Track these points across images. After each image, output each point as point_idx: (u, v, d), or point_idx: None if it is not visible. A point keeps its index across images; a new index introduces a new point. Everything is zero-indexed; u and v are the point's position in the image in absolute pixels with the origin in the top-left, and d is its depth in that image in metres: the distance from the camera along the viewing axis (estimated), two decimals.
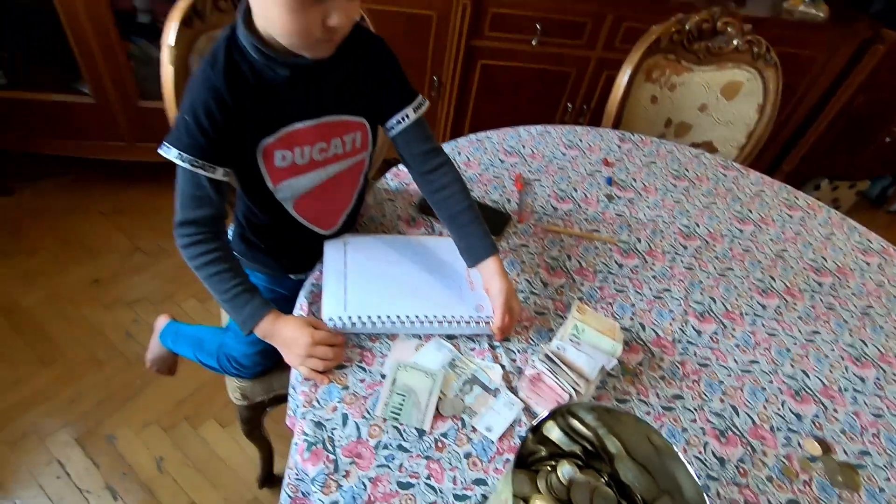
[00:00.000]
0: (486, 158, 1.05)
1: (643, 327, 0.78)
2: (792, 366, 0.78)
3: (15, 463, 1.20)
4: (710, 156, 1.22)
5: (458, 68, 1.76)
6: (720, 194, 1.11)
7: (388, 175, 0.95)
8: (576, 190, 1.03)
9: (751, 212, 1.07)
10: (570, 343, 0.63)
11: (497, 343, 0.71)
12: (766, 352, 0.79)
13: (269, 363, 0.97)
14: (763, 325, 0.83)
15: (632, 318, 0.79)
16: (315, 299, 0.72)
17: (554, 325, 0.75)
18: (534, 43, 1.73)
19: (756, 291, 0.89)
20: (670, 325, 0.80)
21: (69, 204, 1.80)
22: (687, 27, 1.24)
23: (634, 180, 1.09)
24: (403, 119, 0.73)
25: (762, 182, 1.17)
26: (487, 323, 0.71)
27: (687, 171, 1.16)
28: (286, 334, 0.65)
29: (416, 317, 0.69)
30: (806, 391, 0.75)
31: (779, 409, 0.72)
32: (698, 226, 1.01)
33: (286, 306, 0.89)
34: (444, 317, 0.70)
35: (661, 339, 0.77)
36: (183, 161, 0.61)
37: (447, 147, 1.05)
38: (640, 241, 0.94)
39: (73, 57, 1.50)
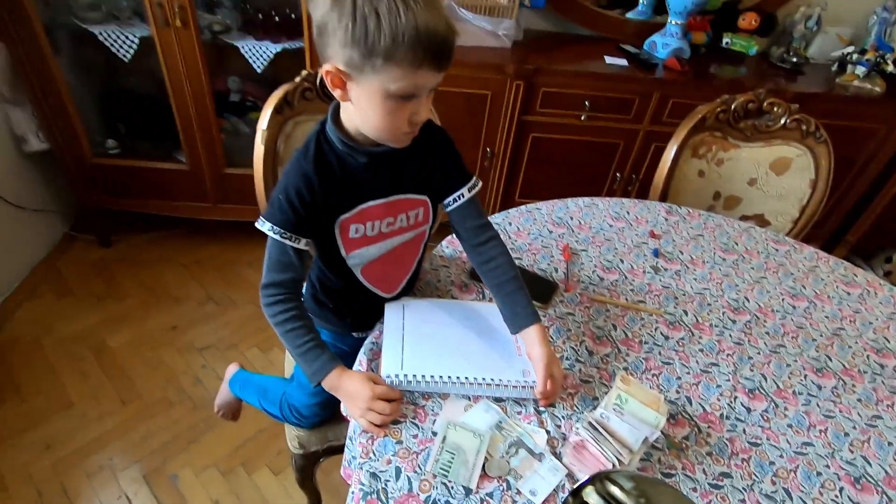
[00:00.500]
0: (535, 229, 1.12)
1: (689, 401, 0.79)
2: (851, 451, 0.76)
3: (89, 494, 1.30)
4: (761, 230, 1.23)
5: (509, 141, 1.88)
6: (771, 269, 1.11)
7: (443, 243, 1.04)
8: (622, 261, 1.07)
9: (804, 287, 1.07)
10: (613, 412, 0.66)
11: (542, 408, 0.75)
12: (822, 434, 0.77)
13: (327, 414, 1.03)
14: (818, 406, 0.82)
15: (678, 392, 0.80)
16: (375, 356, 0.79)
17: (598, 393, 0.78)
18: (582, 118, 1.83)
19: (810, 370, 0.88)
20: (718, 400, 0.80)
21: (156, 255, 2.02)
22: (733, 107, 1.30)
23: (681, 253, 1.12)
24: (459, 198, 0.83)
25: (816, 257, 1.17)
26: (532, 388, 0.75)
27: (736, 244, 1.17)
28: (350, 387, 0.72)
29: (466, 378, 0.74)
30: (867, 479, 0.72)
31: (836, 497, 0.69)
32: (748, 300, 1.01)
33: (348, 361, 0.97)
34: (492, 379, 0.75)
35: (708, 415, 0.78)
36: (274, 233, 0.72)
37: (499, 217, 1.14)
38: (686, 313, 0.96)
39: (175, 130, 1.74)
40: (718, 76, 1.92)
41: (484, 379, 0.75)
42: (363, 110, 0.67)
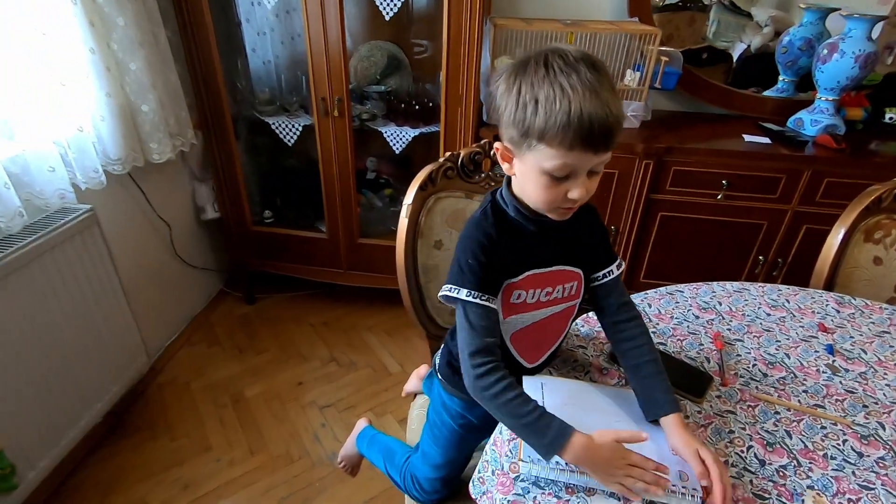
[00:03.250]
0: (678, 312, 1.04)
1: None
2: None
3: None
4: None
5: (636, 219, 1.82)
6: None
7: (579, 322, 1.00)
8: (788, 356, 0.94)
9: None
10: None
11: None
12: None
13: (447, 492, 0.99)
14: None
15: None
16: (513, 435, 0.75)
17: None
18: (719, 197, 1.73)
19: None
20: None
21: (291, 314, 2.20)
22: None
23: (864, 352, 0.95)
24: (608, 274, 0.81)
25: None
26: (694, 495, 0.65)
27: None
28: (603, 453, 0.66)
29: None
30: None
31: None
32: None
33: (478, 435, 0.94)
34: None
35: None
36: (473, 297, 0.72)
37: (637, 298, 1.07)
38: (883, 427, 0.79)
39: (321, 203, 1.96)
40: (882, 153, 1.72)
41: None
42: (523, 183, 0.71)
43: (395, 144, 1.88)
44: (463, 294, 0.72)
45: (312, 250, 2.08)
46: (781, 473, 0.71)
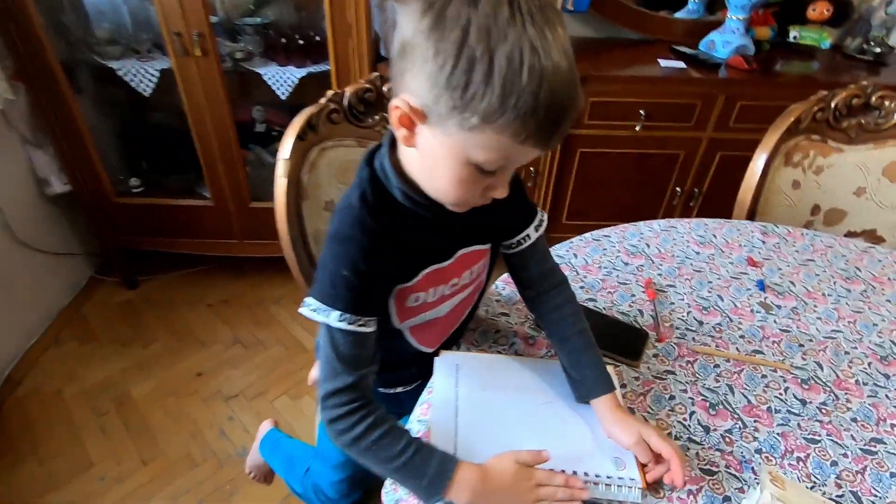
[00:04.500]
0: (606, 261, 0.93)
1: (859, 500, 0.58)
2: None
3: None
4: (884, 250, 1.01)
5: (555, 158, 1.71)
6: None
7: (499, 283, 0.86)
8: (721, 298, 0.86)
9: None
10: None
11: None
12: None
13: (358, 495, 0.86)
14: None
15: (838, 485, 0.59)
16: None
17: (728, 489, 0.58)
18: (637, 129, 1.64)
19: None
20: None
21: (183, 296, 1.91)
22: (833, 104, 1.09)
23: (793, 284, 0.90)
24: (525, 240, 0.66)
25: None
26: (632, 487, 0.55)
27: (858, 270, 0.95)
28: (500, 479, 0.52)
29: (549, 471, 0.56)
30: None
31: None
32: None
33: None
34: (585, 475, 0.56)
35: None
36: (348, 323, 0.52)
37: (562, 249, 0.95)
38: (821, 367, 0.74)
39: (199, 165, 1.65)
40: (787, 73, 1.70)
41: (574, 473, 0.56)
42: (429, 168, 0.50)
43: (279, 88, 1.59)
44: (333, 318, 0.53)
45: (198, 220, 1.77)
46: (727, 439, 0.63)
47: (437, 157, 0.48)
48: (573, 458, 0.58)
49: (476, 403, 0.63)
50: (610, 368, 0.69)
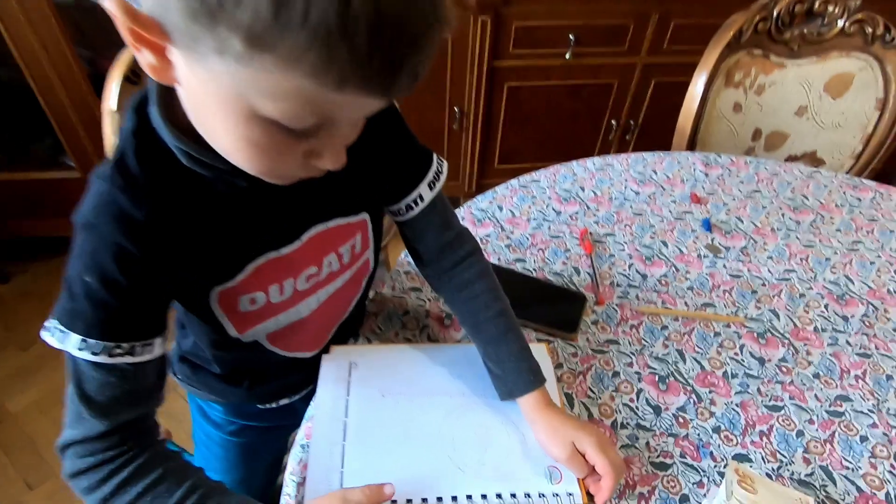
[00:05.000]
0: (536, 211, 0.79)
1: (830, 476, 0.49)
2: None
3: None
4: (829, 173, 0.93)
5: (481, 95, 1.53)
6: (862, 227, 0.81)
7: (405, 253, 0.70)
8: (665, 244, 0.75)
9: None
10: None
11: None
12: None
13: None
14: None
15: (806, 460, 0.50)
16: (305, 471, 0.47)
17: (685, 487, 0.47)
18: (567, 56, 1.48)
19: None
20: (872, 467, 0.50)
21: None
22: (776, 13, 0.96)
23: (740, 220, 0.80)
24: (416, 203, 0.50)
25: None
26: (571, 500, 0.44)
27: (806, 198, 0.86)
28: None
29: (468, 498, 0.43)
30: None
31: None
32: (851, 280, 0.71)
33: (261, 439, 0.64)
34: (508, 497, 0.44)
35: (869, 501, 0.48)
36: (92, 352, 0.35)
37: (485, 201, 0.80)
38: (777, 315, 0.65)
39: (54, 131, 1.34)
40: None
41: (499, 497, 0.44)
42: (205, 122, 0.32)
43: None
44: (72, 345, 0.35)
45: (66, 195, 1.48)
46: (681, 420, 0.53)
47: (208, 107, 0.30)
48: (497, 477, 0.45)
49: (372, 417, 0.49)
50: (541, 347, 0.56)
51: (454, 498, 0.43)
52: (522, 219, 0.78)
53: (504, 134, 1.65)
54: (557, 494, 0.44)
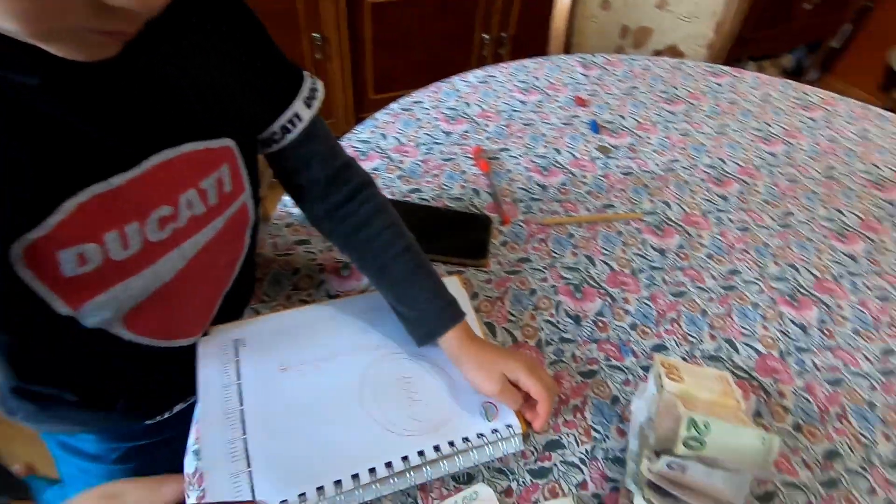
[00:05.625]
0: (423, 134, 0.72)
1: (733, 346, 0.52)
2: None
3: None
4: (693, 63, 0.96)
5: (341, 17, 1.36)
6: (726, 111, 0.85)
7: (286, 199, 0.60)
8: (559, 151, 0.73)
9: (770, 125, 0.83)
10: (691, 459, 0.35)
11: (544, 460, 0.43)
12: None
13: None
14: None
15: (712, 336, 0.53)
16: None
17: (615, 388, 0.47)
18: None
19: (834, 237, 0.66)
20: (765, 328, 0.54)
21: None
22: None
23: (623, 118, 0.81)
24: (294, 122, 0.41)
25: (760, 82, 0.93)
26: (510, 433, 0.42)
27: (676, 89, 0.89)
28: None
29: (403, 460, 0.39)
30: None
31: None
32: (724, 162, 0.75)
33: (151, 459, 0.53)
34: (446, 447, 0.40)
35: (767, 360, 0.52)
36: None
37: (365, 132, 0.71)
38: (668, 205, 0.67)
39: None
40: None
41: (437, 449, 0.40)
42: None
43: None
44: None
45: None
46: (600, 324, 0.52)
47: None
48: (431, 428, 0.41)
49: (273, 398, 0.42)
50: (454, 280, 0.52)
51: (388, 464, 0.38)
52: (410, 145, 0.70)
53: (375, 59, 1.51)
54: (496, 430, 0.41)
